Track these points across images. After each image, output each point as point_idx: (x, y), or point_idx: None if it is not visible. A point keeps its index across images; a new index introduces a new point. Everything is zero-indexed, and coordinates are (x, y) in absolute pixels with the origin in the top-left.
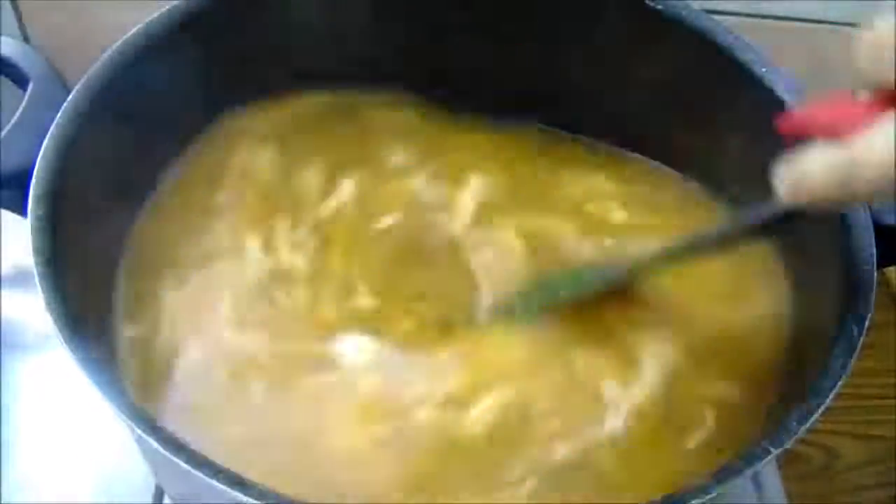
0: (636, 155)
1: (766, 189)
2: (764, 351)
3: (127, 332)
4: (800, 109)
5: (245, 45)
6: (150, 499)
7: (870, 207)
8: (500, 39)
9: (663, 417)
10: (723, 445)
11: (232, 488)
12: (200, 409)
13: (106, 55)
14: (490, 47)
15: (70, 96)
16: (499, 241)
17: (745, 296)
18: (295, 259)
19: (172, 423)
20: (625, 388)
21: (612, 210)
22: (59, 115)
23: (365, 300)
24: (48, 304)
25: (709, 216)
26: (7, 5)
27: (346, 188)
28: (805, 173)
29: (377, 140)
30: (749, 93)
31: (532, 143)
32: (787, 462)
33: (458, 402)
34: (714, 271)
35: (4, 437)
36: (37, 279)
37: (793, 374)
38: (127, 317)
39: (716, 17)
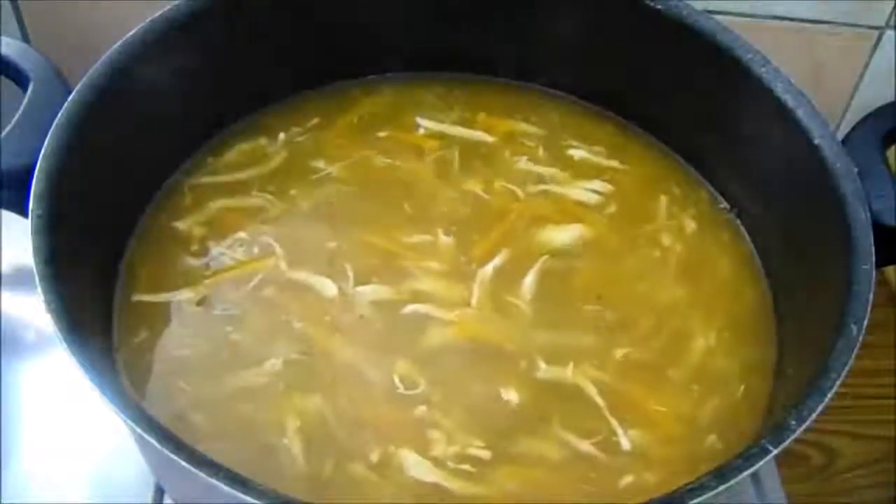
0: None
1: (759, 187)
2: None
3: (126, 332)
4: None
5: (246, 45)
6: (150, 499)
7: (870, 207)
8: (500, 36)
9: None
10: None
11: (232, 488)
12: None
13: (106, 55)
14: (491, 45)
15: (70, 96)
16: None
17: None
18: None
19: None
20: None
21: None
22: (59, 115)
23: None
24: (48, 304)
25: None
26: (7, 5)
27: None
28: None
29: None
30: (749, 92)
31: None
32: (787, 462)
33: None
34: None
35: (4, 436)
36: (37, 279)
37: (793, 373)
38: (126, 317)
39: (716, 17)
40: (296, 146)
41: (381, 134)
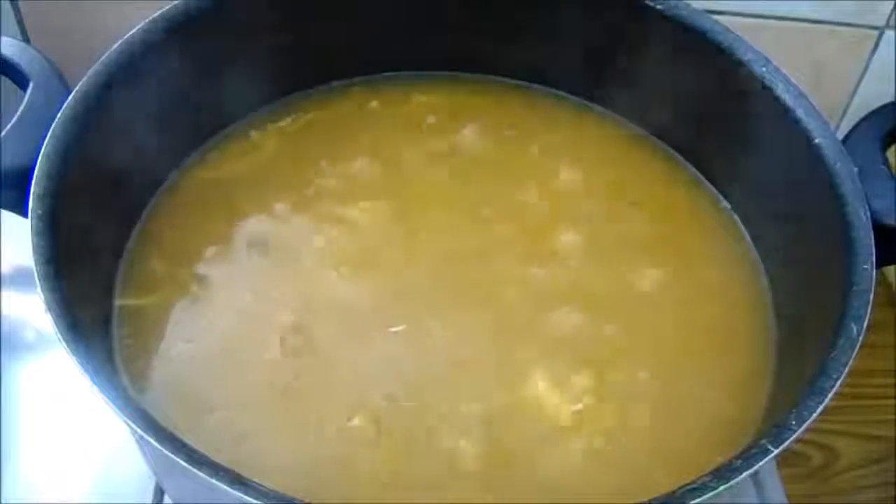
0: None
1: (759, 187)
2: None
3: (126, 332)
4: None
5: (245, 44)
6: (150, 499)
7: (870, 207)
8: (502, 36)
9: None
10: None
11: (232, 488)
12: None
13: (105, 55)
14: (491, 45)
15: (70, 96)
16: None
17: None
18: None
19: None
20: None
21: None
22: (59, 115)
23: None
24: (48, 304)
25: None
26: (7, 5)
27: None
28: None
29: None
30: (749, 92)
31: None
32: (787, 462)
33: None
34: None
35: (4, 436)
36: (37, 279)
37: (793, 373)
38: (126, 317)
39: (716, 17)
40: (287, 135)
41: (372, 104)
